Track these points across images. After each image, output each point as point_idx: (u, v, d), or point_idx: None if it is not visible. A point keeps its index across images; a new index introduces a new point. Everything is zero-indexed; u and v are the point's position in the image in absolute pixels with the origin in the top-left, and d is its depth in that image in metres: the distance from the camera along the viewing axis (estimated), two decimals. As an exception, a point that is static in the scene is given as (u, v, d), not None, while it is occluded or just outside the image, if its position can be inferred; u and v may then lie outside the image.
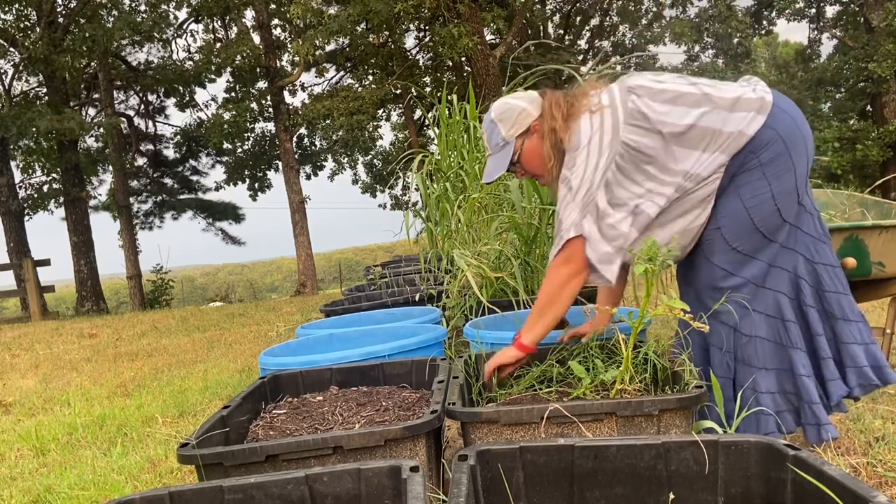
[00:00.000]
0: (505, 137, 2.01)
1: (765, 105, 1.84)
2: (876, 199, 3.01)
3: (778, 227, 1.85)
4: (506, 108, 2.03)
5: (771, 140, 1.82)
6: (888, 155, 15.98)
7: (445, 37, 11.31)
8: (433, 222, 4.31)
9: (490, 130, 2.05)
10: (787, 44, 30.41)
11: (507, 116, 2.01)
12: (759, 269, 1.86)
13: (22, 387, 4.63)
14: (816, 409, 1.84)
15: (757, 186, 1.83)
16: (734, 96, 1.86)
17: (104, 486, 2.32)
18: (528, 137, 2.00)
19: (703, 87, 1.89)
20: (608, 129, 1.87)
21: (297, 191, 15.45)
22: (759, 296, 1.86)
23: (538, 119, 1.99)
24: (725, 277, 1.87)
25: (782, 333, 1.87)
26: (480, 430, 1.66)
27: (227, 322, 7.98)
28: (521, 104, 2.02)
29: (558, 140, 1.93)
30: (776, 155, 1.82)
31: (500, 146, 2.03)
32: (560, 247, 1.89)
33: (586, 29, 20.59)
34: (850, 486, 1.07)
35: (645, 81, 1.91)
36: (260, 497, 1.30)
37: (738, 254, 1.86)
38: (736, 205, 1.85)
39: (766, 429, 1.84)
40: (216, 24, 16.48)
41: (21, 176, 15.33)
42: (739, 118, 1.83)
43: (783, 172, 1.82)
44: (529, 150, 2.01)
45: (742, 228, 1.85)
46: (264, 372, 2.39)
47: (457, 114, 4.39)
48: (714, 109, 1.84)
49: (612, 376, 1.88)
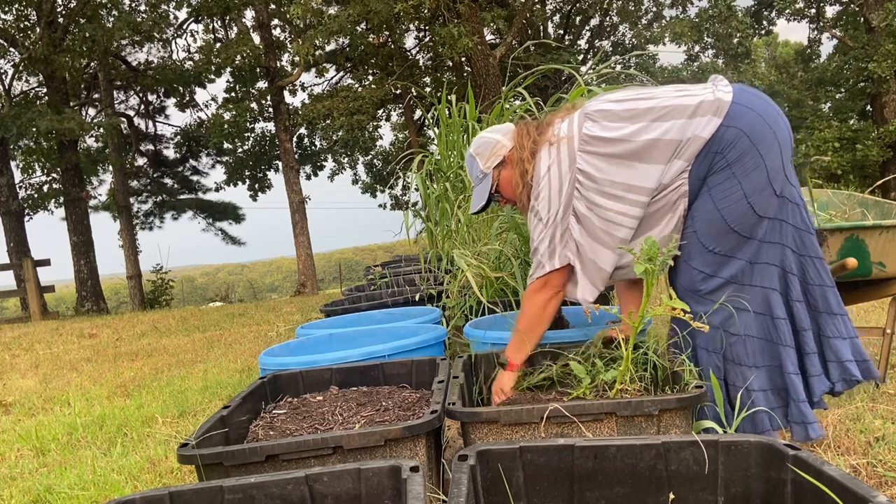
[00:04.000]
0: (483, 170, 2.13)
1: (721, 106, 1.84)
2: (876, 199, 3.00)
3: (754, 225, 1.85)
4: (482, 142, 2.16)
5: (734, 138, 1.82)
6: (888, 155, 15.98)
7: (445, 37, 11.30)
8: (433, 222, 4.31)
9: (470, 165, 2.19)
10: (787, 44, 30.40)
11: (483, 150, 2.14)
12: (738, 268, 1.86)
13: (22, 387, 4.63)
14: (803, 408, 1.84)
15: (727, 187, 1.84)
16: (695, 103, 1.86)
17: (104, 486, 2.31)
18: (503, 168, 2.12)
19: (664, 99, 1.90)
20: (564, 159, 1.95)
21: (297, 191, 15.45)
22: (745, 294, 1.86)
23: (511, 149, 2.10)
24: (705, 280, 1.88)
25: (772, 331, 1.87)
26: (480, 430, 1.67)
27: (227, 322, 7.98)
28: (496, 137, 2.14)
29: (524, 170, 2.04)
30: (742, 153, 1.82)
31: (480, 178, 2.15)
32: (540, 275, 1.97)
33: (586, 29, 20.59)
34: (850, 486, 1.07)
35: (603, 105, 1.96)
36: (260, 497, 1.30)
37: (715, 255, 1.87)
38: (708, 207, 1.86)
39: (762, 427, 1.84)
40: (216, 24, 16.48)
41: (21, 176, 15.31)
42: (696, 123, 1.84)
43: (751, 169, 1.82)
44: (505, 180, 2.12)
45: (716, 230, 1.85)
46: (264, 372, 2.39)
47: (456, 114, 4.39)
48: (673, 121, 1.85)
49: (612, 376, 1.88)
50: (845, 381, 1.89)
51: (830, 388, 1.90)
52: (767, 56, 29.34)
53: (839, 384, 1.90)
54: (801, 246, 1.90)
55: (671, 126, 1.85)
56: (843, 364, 1.89)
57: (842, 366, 1.89)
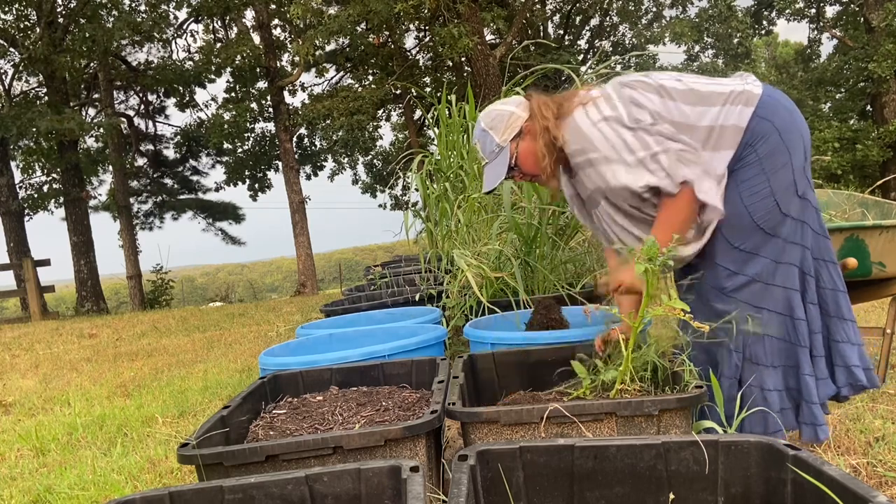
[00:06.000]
0: (499, 143, 2.00)
1: (751, 97, 1.83)
2: (876, 199, 3.00)
3: (779, 223, 1.83)
4: (494, 115, 2.03)
5: (766, 133, 1.81)
6: (888, 155, 15.99)
7: (445, 37, 11.30)
8: (433, 222, 4.31)
9: (483, 140, 2.04)
10: (787, 44, 30.40)
11: (497, 123, 2.01)
12: (763, 266, 1.84)
13: (22, 387, 4.63)
14: (815, 409, 1.84)
15: (755, 183, 1.82)
16: (727, 91, 1.85)
17: (104, 486, 2.31)
18: (521, 140, 1.99)
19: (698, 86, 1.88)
20: (604, 108, 1.86)
21: (297, 191, 15.46)
22: (767, 293, 1.85)
23: (528, 120, 1.98)
24: (730, 277, 1.86)
25: (791, 332, 1.86)
26: (480, 430, 1.66)
27: (227, 322, 7.98)
28: (509, 108, 2.02)
29: (552, 138, 1.92)
30: (773, 148, 1.81)
31: (496, 153, 2.01)
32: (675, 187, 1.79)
33: (586, 29, 20.59)
34: (850, 486, 1.07)
35: (638, 76, 1.91)
36: (260, 497, 1.30)
37: (740, 252, 1.85)
38: (735, 202, 1.83)
39: (774, 427, 1.83)
40: (216, 24, 16.48)
41: (21, 176, 15.32)
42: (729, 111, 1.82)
43: (780, 167, 1.81)
44: (524, 152, 1.99)
45: (742, 226, 1.83)
46: (264, 372, 2.39)
47: (456, 114, 4.39)
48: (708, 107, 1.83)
49: (612, 376, 1.87)
50: (851, 385, 1.89)
51: (836, 393, 1.90)
52: (767, 56, 29.35)
53: (845, 389, 1.89)
54: (818, 249, 1.90)
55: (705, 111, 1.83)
56: (849, 369, 1.88)
57: (849, 370, 1.88)
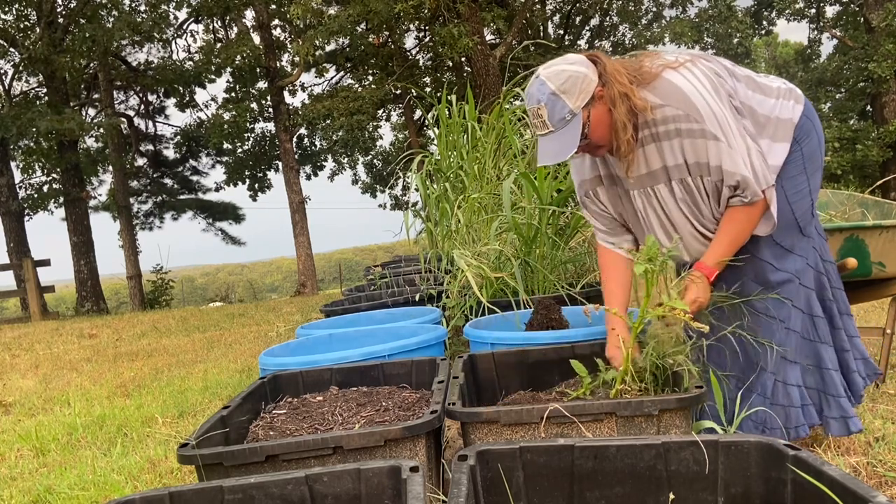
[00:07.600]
0: (572, 109, 1.74)
1: (800, 96, 1.88)
2: (876, 199, 3.01)
3: (808, 222, 1.89)
4: (566, 76, 1.75)
5: (809, 133, 1.86)
6: (888, 155, 15.98)
7: (445, 37, 11.30)
8: (433, 222, 4.31)
9: (552, 104, 1.75)
10: (787, 44, 30.43)
11: (571, 86, 1.74)
12: (799, 264, 1.88)
13: (22, 387, 4.63)
14: (843, 403, 1.87)
15: (799, 181, 1.86)
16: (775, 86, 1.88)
17: (104, 486, 2.31)
18: (593, 106, 1.77)
19: (753, 74, 1.91)
20: (703, 79, 1.76)
21: (297, 191, 15.45)
22: (799, 291, 1.89)
23: (600, 85, 1.78)
24: (773, 271, 1.87)
25: (811, 329, 1.90)
26: (480, 431, 1.66)
27: (227, 322, 7.98)
28: (581, 69, 1.76)
29: (633, 105, 1.76)
30: (814, 149, 1.87)
31: (567, 120, 1.75)
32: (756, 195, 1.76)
33: (586, 29, 20.57)
34: (850, 486, 1.07)
35: (700, 53, 1.99)
36: (260, 497, 1.30)
37: (781, 248, 1.87)
38: (780, 197, 1.85)
39: (797, 421, 1.86)
40: (216, 24, 16.48)
41: (21, 176, 15.32)
42: (782, 105, 1.85)
43: (817, 169, 1.88)
44: (597, 120, 1.78)
45: (784, 222, 1.86)
46: (264, 372, 2.39)
47: (456, 114, 4.39)
48: (764, 97, 1.86)
49: (612, 376, 1.87)
50: (869, 375, 1.98)
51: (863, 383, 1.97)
52: (767, 56, 29.36)
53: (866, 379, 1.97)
54: (823, 250, 1.97)
55: (763, 100, 1.84)
56: (866, 360, 1.98)
57: (866, 361, 1.97)
